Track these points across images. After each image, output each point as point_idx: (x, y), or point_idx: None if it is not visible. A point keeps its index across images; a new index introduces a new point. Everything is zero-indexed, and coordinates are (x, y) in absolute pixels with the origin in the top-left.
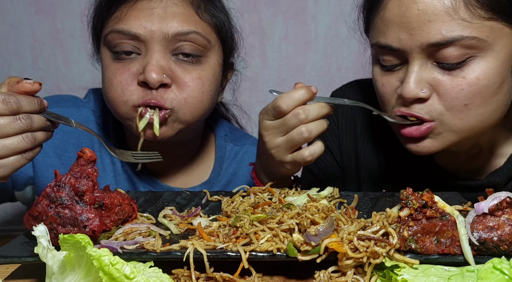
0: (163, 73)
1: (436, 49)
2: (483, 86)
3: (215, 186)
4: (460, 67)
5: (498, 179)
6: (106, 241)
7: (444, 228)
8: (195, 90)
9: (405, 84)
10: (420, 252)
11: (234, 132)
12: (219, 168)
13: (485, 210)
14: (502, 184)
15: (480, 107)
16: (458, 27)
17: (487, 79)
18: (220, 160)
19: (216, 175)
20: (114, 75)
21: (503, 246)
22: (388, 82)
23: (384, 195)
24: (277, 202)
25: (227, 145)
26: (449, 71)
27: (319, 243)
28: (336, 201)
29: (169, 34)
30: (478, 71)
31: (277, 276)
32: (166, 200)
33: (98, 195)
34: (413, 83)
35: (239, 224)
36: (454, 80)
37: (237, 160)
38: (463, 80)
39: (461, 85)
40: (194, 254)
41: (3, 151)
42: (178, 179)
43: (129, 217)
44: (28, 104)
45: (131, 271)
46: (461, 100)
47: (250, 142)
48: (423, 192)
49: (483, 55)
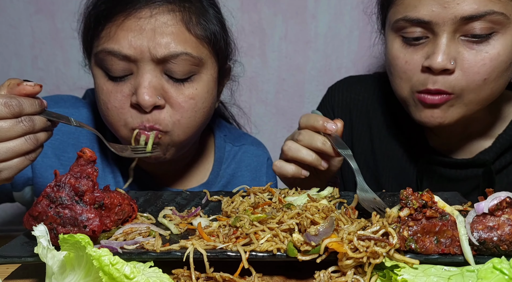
0: (156, 95)
1: (466, 23)
2: (502, 62)
3: (214, 187)
4: (484, 42)
5: (488, 156)
6: (106, 241)
7: (444, 228)
8: (188, 111)
9: (435, 55)
10: (420, 252)
11: (233, 132)
12: (218, 168)
13: (485, 210)
14: (491, 161)
15: (494, 82)
16: (489, 3)
17: (506, 55)
18: (219, 160)
19: (215, 176)
20: (108, 99)
21: (503, 246)
22: (411, 59)
23: (384, 195)
24: (277, 202)
25: (226, 146)
26: (474, 45)
27: (319, 243)
28: (336, 201)
29: (158, 56)
30: (499, 47)
31: (277, 276)
32: (166, 200)
33: (98, 195)
34: (443, 55)
35: (239, 224)
36: (477, 55)
37: (236, 161)
38: (486, 55)
39: (484, 60)
40: (194, 254)
41: (7, 154)
42: (176, 182)
43: (129, 217)
44: (30, 106)
45: (131, 271)
46: (482, 74)
47: (249, 141)
48: (423, 192)
49: (504, 32)
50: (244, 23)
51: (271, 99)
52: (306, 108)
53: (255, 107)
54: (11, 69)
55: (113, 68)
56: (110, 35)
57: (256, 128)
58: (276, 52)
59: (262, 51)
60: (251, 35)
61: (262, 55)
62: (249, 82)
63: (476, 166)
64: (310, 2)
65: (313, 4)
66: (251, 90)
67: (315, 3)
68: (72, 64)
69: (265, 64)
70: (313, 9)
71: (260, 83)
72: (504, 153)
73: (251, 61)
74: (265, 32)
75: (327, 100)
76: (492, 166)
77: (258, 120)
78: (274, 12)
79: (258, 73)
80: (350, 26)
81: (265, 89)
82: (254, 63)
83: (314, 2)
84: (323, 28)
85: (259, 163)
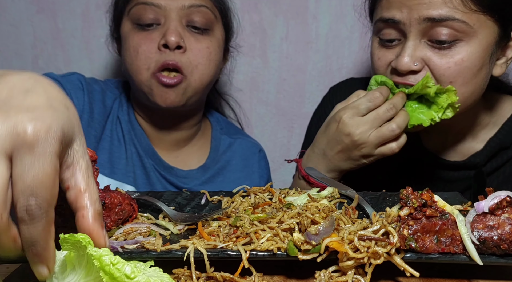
0: (180, 38)
1: (430, 26)
2: (466, 68)
3: (210, 170)
4: (449, 47)
5: (479, 159)
6: None
7: (444, 227)
8: (204, 58)
9: (400, 58)
10: (420, 251)
11: (230, 127)
12: (215, 154)
13: (485, 209)
14: (482, 164)
15: (462, 87)
16: (451, 10)
17: (470, 62)
18: (215, 148)
19: (211, 160)
20: (139, 44)
21: (503, 245)
22: (383, 56)
23: (384, 195)
24: (277, 202)
25: (222, 136)
26: (439, 50)
27: (319, 242)
28: (336, 201)
29: (186, 5)
30: (463, 54)
31: (278, 275)
32: (166, 200)
33: (100, 195)
34: (407, 57)
35: (239, 223)
36: (443, 58)
37: (232, 150)
38: (450, 59)
39: (448, 63)
40: (195, 253)
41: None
42: (178, 157)
43: (130, 216)
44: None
45: (132, 270)
46: (447, 77)
47: (244, 136)
48: (423, 191)
49: (468, 40)
50: (245, 24)
51: (272, 100)
52: (306, 109)
53: (255, 107)
54: (12, 69)
55: (144, 17)
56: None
57: (257, 128)
58: (277, 52)
59: (263, 52)
60: (252, 36)
61: (263, 55)
62: (249, 83)
63: (468, 168)
64: (311, 3)
65: (314, 5)
66: (252, 91)
67: (316, 4)
68: (73, 64)
69: (265, 64)
70: (314, 9)
71: (261, 84)
72: (495, 156)
73: (252, 62)
74: (266, 32)
75: (328, 99)
76: (483, 168)
77: (259, 121)
78: (275, 13)
79: (259, 73)
80: (351, 27)
81: (266, 89)
82: (254, 64)
83: (315, 2)
84: (324, 29)
85: (252, 152)
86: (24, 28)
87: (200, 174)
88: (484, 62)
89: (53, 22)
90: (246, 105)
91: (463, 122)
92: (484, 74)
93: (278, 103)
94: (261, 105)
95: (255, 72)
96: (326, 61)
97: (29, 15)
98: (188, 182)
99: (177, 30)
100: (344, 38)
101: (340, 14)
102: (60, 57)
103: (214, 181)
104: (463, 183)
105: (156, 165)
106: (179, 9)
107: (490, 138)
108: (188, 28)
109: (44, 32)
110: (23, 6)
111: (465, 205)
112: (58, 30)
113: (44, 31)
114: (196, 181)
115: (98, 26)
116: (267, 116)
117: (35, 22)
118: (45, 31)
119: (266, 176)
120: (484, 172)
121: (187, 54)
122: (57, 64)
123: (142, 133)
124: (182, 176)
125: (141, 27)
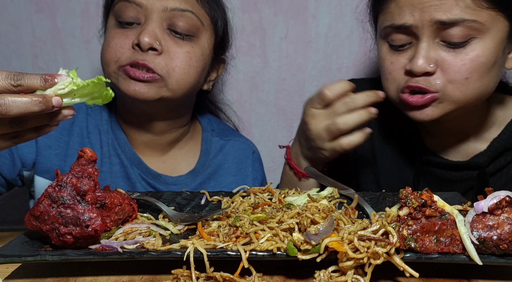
0: (155, 40)
1: (442, 28)
2: (481, 63)
3: (200, 176)
4: (464, 46)
5: (482, 160)
6: (106, 241)
7: (444, 227)
8: (183, 61)
9: (415, 60)
10: (419, 251)
11: (222, 127)
12: (205, 158)
13: (484, 209)
14: (485, 164)
15: (477, 82)
16: (461, 12)
17: (485, 57)
18: (206, 151)
19: (202, 165)
20: (113, 38)
21: (503, 245)
22: (396, 61)
23: (384, 195)
24: (277, 202)
25: (213, 139)
26: (453, 49)
27: (319, 242)
28: (336, 201)
29: (168, 7)
30: (478, 50)
31: (277, 275)
32: (166, 200)
33: (100, 195)
34: (422, 59)
35: (239, 223)
36: (457, 57)
37: (223, 153)
38: (465, 56)
39: (464, 60)
40: (194, 253)
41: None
42: (166, 162)
43: (129, 217)
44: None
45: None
46: (462, 74)
47: (237, 137)
48: (423, 191)
49: (482, 36)
50: (244, 23)
51: (272, 99)
52: None
53: (255, 107)
54: (11, 68)
55: (125, 14)
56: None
57: (256, 128)
58: (277, 52)
59: (262, 51)
60: (251, 35)
61: (263, 55)
62: (249, 82)
63: (471, 168)
64: (311, 2)
65: (314, 4)
66: (252, 90)
67: (316, 3)
68: (72, 64)
69: (265, 64)
70: (314, 9)
71: (261, 83)
72: (498, 157)
73: (251, 61)
74: (266, 32)
75: None
76: (486, 168)
77: (258, 120)
78: (274, 12)
79: (259, 73)
80: (351, 26)
81: (266, 89)
82: (254, 63)
83: (315, 2)
84: (324, 28)
85: (245, 155)
86: (23, 28)
87: (190, 180)
88: (497, 56)
89: (53, 21)
90: (246, 105)
91: (467, 122)
92: (498, 68)
93: (278, 103)
94: (260, 105)
95: (255, 71)
96: (326, 61)
97: (28, 14)
98: (178, 189)
99: (153, 31)
100: (344, 38)
101: (340, 14)
102: (59, 56)
103: (205, 187)
104: (466, 184)
105: (143, 174)
106: (161, 10)
107: (494, 139)
108: (168, 31)
109: (43, 31)
110: (22, 6)
111: (465, 205)
112: (57, 29)
113: (43, 31)
114: (186, 187)
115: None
116: (266, 116)
117: (34, 21)
118: (44, 31)
119: (261, 178)
120: (487, 172)
121: (162, 57)
122: (56, 64)
123: (126, 142)
124: (171, 183)
125: (121, 24)
